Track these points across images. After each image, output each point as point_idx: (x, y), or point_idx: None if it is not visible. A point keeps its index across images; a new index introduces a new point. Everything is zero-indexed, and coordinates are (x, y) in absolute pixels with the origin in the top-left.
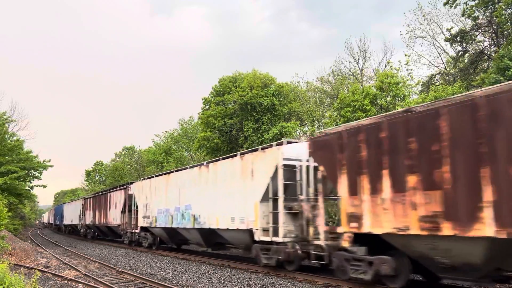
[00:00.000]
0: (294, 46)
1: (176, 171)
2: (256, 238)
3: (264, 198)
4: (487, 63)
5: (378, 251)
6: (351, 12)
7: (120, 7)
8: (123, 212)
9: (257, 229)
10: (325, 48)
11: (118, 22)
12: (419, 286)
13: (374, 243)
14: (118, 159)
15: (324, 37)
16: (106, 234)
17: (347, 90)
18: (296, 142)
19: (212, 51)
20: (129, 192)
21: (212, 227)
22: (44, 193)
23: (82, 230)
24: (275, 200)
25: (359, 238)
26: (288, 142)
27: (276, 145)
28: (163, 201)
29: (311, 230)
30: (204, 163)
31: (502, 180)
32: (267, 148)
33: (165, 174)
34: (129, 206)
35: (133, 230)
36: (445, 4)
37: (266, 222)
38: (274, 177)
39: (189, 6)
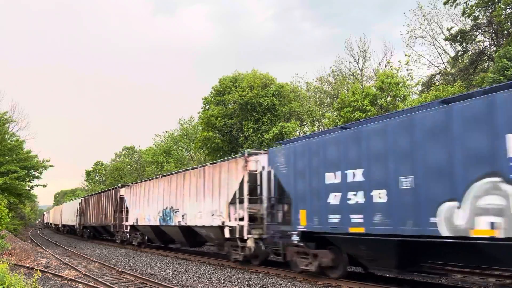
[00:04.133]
0: (297, 45)
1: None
2: None
3: None
4: (487, 63)
5: None
6: (354, 11)
7: (122, 7)
8: (232, 203)
9: None
10: (328, 47)
11: (120, 22)
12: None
13: None
14: (118, 159)
15: (327, 37)
16: (166, 240)
17: (347, 90)
18: None
19: (215, 51)
20: (251, 169)
21: None
22: (44, 193)
23: (121, 234)
24: None
25: None
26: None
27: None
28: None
29: None
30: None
31: None
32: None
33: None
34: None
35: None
36: (445, 3)
37: None
38: None
39: (192, 5)
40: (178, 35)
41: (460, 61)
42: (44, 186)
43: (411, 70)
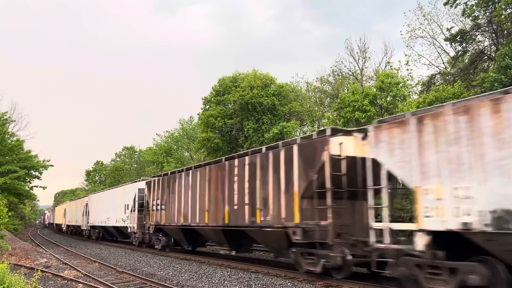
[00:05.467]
0: (297, 45)
1: None
2: None
3: None
4: (487, 63)
5: None
6: (355, 10)
7: (123, 7)
8: None
9: None
10: (328, 47)
11: (121, 22)
12: None
13: None
14: (118, 159)
15: (328, 36)
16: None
17: (347, 90)
18: None
19: (216, 51)
20: None
21: None
22: (44, 193)
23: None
24: None
25: None
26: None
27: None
28: None
29: None
30: None
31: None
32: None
33: None
34: None
35: None
36: (445, 4)
37: None
38: None
39: (192, 4)
40: (179, 35)
41: (460, 61)
42: (44, 188)
43: (411, 70)
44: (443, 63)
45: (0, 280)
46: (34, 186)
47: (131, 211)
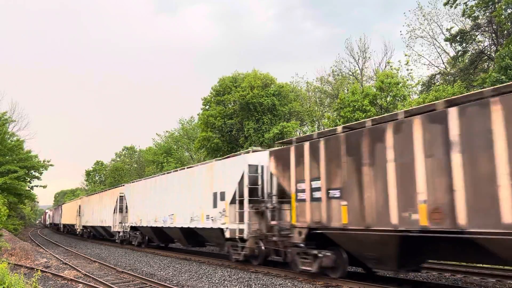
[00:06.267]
0: (298, 45)
1: None
2: None
3: None
4: (487, 63)
5: None
6: (355, 10)
7: (123, 6)
8: None
9: None
10: (329, 47)
11: (121, 22)
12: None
13: None
14: (118, 159)
15: (328, 36)
16: None
17: (347, 90)
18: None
19: (216, 51)
20: None
21: None
22: (44, 193)
23: None
24: None
25: None
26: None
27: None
28: None
29: None
30: None
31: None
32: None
33: None
34: None
35: None
36: (445, 4)
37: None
38: None
39: (193, 4)
40: (179, 34)
41: (460, 61)
42: (44, 187)
43: (411, 70)
44: (443, 63)
45: (0, 280)
46: (34, 186)
47: (231, 203)
